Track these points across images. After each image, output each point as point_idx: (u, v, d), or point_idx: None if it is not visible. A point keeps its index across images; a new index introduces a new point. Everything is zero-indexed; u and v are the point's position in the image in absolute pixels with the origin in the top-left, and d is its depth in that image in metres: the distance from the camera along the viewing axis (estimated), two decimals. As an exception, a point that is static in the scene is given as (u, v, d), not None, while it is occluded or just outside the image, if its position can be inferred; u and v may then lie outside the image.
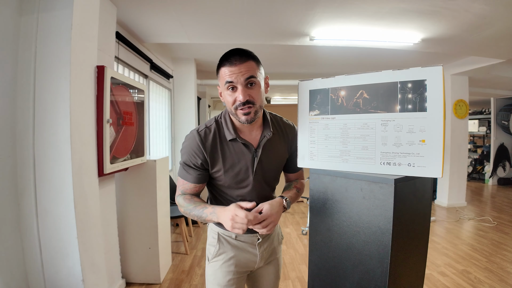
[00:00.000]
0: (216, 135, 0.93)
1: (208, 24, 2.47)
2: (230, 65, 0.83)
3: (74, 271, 1.34)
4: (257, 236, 1.02)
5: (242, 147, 0.94)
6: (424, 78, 0.68)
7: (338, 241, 0.79)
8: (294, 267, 2.54)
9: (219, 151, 0.93)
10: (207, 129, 0.94)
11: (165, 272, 2.36)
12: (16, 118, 1.31)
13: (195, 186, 0.96)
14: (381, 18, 2.31)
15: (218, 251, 1.01)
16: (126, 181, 2.15)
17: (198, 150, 0.91)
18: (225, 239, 1.01)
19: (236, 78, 0.82)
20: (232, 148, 0.94)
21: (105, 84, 1.64)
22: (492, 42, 2.80)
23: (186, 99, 3.97)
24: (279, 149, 1.01)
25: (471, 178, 6.88)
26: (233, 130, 0.92)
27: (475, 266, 2.48)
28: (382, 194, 0.69)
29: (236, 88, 0.84)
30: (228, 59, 0.84)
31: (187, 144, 0.93)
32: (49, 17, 1.30)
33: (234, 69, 0.82)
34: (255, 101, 0.85)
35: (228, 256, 1.00)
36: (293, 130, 1.05)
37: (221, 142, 0.93)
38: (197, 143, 0.91)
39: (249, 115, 0.86)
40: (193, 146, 0.92)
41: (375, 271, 0.71)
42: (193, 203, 0.93)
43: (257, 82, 0.86)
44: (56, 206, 1.33)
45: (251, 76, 0.83)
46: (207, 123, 0.96)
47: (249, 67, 0.83)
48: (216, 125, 0.95)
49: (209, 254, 1.03)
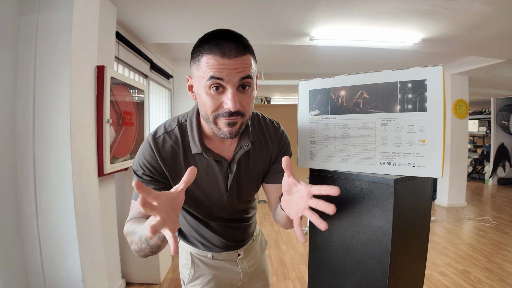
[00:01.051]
0: (179, 144, 0.71)
1: (208, 24, 2.47)
2: (221, 55, 0.57)
3: (74, 271, 1.34)
4: (237, 252, 0.89)
5: (211, 162, 0.72)
6: (424, 78, 0.68)
7: (338, 241, 0.79)
8: (294, 267, 2.54)
9: (183, 166, 0.71)
10: (166, 135, 0.71)
11: (165, 272, 2.36)
12: (16, 118, 1.31)
13: None
14: (381, 18, 2.31)
15: (194, 275, 0.87)
16: (126, 181, 2.15)
17: (154, 162, 0.69)
18: (200, 259, 0.87)
19: (229, 75, 0.58)
20: (199, 162, 0.72)
21: (105, 84, 1.64)
22: (492, 42, 2.80)
23: (186, 99, 3.97)
24: (260, 159, 0.80)
25: (471, 178, 6.87)
26: (199, 141, 0.70)
27: (475, 266, 2.48)
28: (382, 194, 0.69)
29: (223, 88, 0.60)
30: (218, 45, 0.58)
31: (140, 153, 0.70)
32: (49, 17, 1.30)
33: (228, 63, 0.58)
34: (245, 112, 0.63)
35: (207, 279, 0.87)
36: (276, 131, 0.82)
37: (185, 154, 0.71)
38: (151, 153, 0.69)
39: (234, 127, 0.63)
40: (146, 157, 0.69)
41: (375, 271, 0.71)
42: (137, 221, 0.66)
43: (252, 85, 0.63)
44: (56, 206, 1.33)
45: (248, 76, 0.60)
46: (168, 126, 0.73)
47: (247, 63, 0.60)
48: (180, 131, 0.72)
49: (184, 278, 0.89)
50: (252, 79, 0.63)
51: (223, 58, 0.57)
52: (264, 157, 0.80)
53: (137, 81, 2.20)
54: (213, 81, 0.58)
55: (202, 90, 0.61)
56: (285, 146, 0.84)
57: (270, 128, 0.82)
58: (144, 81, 3.05)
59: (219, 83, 0.59)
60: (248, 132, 0.75)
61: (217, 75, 0.58)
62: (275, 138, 0.82)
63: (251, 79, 0.62)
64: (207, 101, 0.61)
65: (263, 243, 1.02)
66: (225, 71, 0.58)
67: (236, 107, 0.60)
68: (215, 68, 0.58)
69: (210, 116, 0.62)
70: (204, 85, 0.60)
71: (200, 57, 0.60)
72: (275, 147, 0.82)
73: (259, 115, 0.83)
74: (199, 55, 0.60)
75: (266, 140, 0.80)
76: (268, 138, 0.81)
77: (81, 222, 1.37)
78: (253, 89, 0.65)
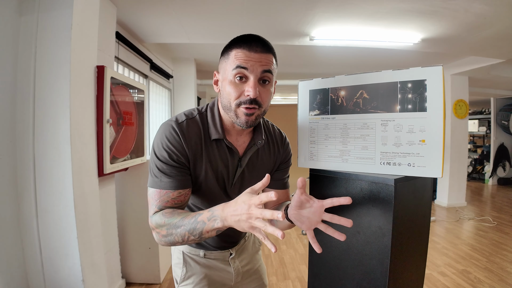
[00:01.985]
0: (200, 130, 0.75)
1: (208, 24, 2.47)
2: (249, 49, 0.67)
3: (74, 271, 1.34)
4: (229, 251, 0.90)
5: (226, 150, 0.77)
6: (424, 78, 0.68)
7: (338, 241, 0.79)
8: (294, 267, 2.54)
9: (203, 152, 0.74)
10: (189, 121, 0.74)
11: (165, 272, 2.36)
12: (16, 118, 1.31)
13: (179, 193, 0.71)
14: (381, 18, 2.31)
15: (186, 274, 0.88)
16: (126, 181, 2.15)
17: (179, 146, 0.70)
18: (192, 258, 0.88)
19: (253, 66, 0.66)
20: (216, 150, 0.76)
21: (105, 84, 1.64)
22: (492, 42, 2.80)
23: (186, 99, 3.97)
24: (266, 161, 0.84)
25: (471, 178, 6.88)
26: (221, 128, 0.75)
27: (475, 266, 2.48)
28: (382, 194, 0.69)
29: (246, 78, 0.67)
30: (247, 42, 0.68)
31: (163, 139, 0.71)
32: (49, 17, 1.30)
33: (253, 56, 0.66)
34: (262, 103, 0.70)
35: (199, 277, 0.87)
36: (283, 140, 0.89)
37: (205, 140, 0.75)
38: (176, 137, 0.70)
39: (251, 117, 0.69)
40: (172, 141, 0.70)
41: (375, 271, 0.71)
42: (177, 215, 0.67)
43: (271, 81, 0.71)
44: (56, 206, 1.33)
45: (269, 71, 0.68)
46: (188, 114, 0.76)
47: (269, 60, 0.69)
48: (200, 118, 0.76)
49: (177, 277, 0.90)
50: (272, 76, 0.71)
51: (250, 52, 0.67)
52: (270, 160, 0.86)
53: (137, 81, 2.20)
54: (239, 70, 0.67)
55: (227, 80, 0.69)
56: (288, 156, 0.91)
57: (278, 136, 0.89)
58: (144, 81, 3.05)
59: (243, 73, 0.67)
60: (261, 131, 0.81)
61: (243, 65, 0.66)
62: (281, 146, 0.88)
63: (272, 74, 0.70)
64: (231, 89, 0.68)
65: (256, 243, 1.03)
66: (250, 62, 0.67)
67: (256, 94, 0.67)
68: (242, 59, 0.67)
69: (233, 103, 0.69)
70: (230, 74, 0.68)
71: (230, 51, 0.69)
72: (280, 154, 0.88)
73: (269, 122, 0.90)
74: (229, 50, 0.70)
75: (274, 145, 0.87)
76: (275, 144, 0.87)
77: (81, 222, 1.37)
78: (272, 86, 0.72)
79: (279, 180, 0.89)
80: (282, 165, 0.89)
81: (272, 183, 0.86)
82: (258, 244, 1.03)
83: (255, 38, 0.69)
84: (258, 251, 1.02)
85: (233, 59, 0.68)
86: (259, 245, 1.04)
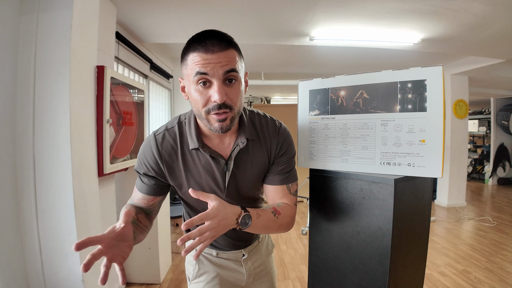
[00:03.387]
0: (177, 141, 0.74)
1: (208, 24, 2.47)
2: (205, 51, 0.61)
3: (74, 271, 1.34)
4: (242, 252, 0.89)
5: (208, 158, 0.74)
6: (424, 78, 0.68)
7: (338, 241, 0.79)
8: (294, 267, 2.54)
9: (180, 162, 0.74)
10: (166, 132, 0.74)
11: (165, 272, 2.36)
12: (16, 118, 1.31)
13: (144, 197, 0.76)
14: (381, 18, 2.31)
15: (198, 271, 0.88)
16: (126, 181, 2.15)
17: (151, 159, 0.73)
18: (205, 257, 0.89)
19: (213, 70, 0.61)
20: (196, 159, 0.74)
21: (105, 84, 1.64)
22: (492, 42, 2.80)
23: (186, 99, 3.97)
24: (259, 157, 0.78)
25: (471, 178, 6.87)
26: (197, 137, 0.72)
27: (475, 266, 2.48)
28: (382, 194, 0.69)
29: (210, 83, 0.62)
30: (202, 42, 0.61)
31: (141, 149, 0.76)
32: (49, 17, 1.30)
33: (211, 58, 0.61)
34: (233, 105, 0.65)
35: (211, 276, 0.88)
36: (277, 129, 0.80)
37: (182, 151, 0.74)
38: (150, 149, 0.73)
39: (225, 122, 0.65)
40: (146, 153, 0.74)
41: (375, 271, 0.71)
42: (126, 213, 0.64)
43: (238, 79, 0.65)
44: (56, 206, 1.33)
45: (232, 70, 0.63)
46: (169, 123, 0.77)
47: (230, 57, 0.63)
48: (179, 128, 0.75)
49: (189, 274, 0.91)
50: (238, 73, 0.65)
51: (207, 54, 0.61)
52: (263, 155, 0.79)
53: (137, 81, 2.20)
54: (200, 77, 0.62)
55: (191, 87, 0.65)
56: (285, 146, 0.81)
57: (270, 127, 0.80)
58: (144, 81, 3.05)
59: (205, 78, 0.62)
60: (245, 129, 0.75)
61: (202, 70, 0.61)
62: (274, 137, 0.79)
63: (236, 72, 0.64)
64: (196, 97, 0.64)
65: (270, 245, 1.01)
66: (210, 65, 0.61)
67: (223, 99, 0.62)
68: (200, 63, 0.61)
69: (202, 111, 0.65)
70: (192, 81, 0.63)
71: (187, 56, 0.64)
72: (274, 146, 0.79)
73: (260, 113, 0.82)
74: (186, 55, 0.64)
75: (266, 138, 0.79)
76: (267, 137, 0.79)
77: (81, 222, 1.37)
78: (240, 83, 0.67)
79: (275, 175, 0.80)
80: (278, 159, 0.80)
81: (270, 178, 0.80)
82: (271, 246, 1.01)
83: (209, 35, 0.62)
84: (271, 253, 1.00)
85: (191, 65, 0.62)
86: (272, 247, 1.02)
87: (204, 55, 0.61)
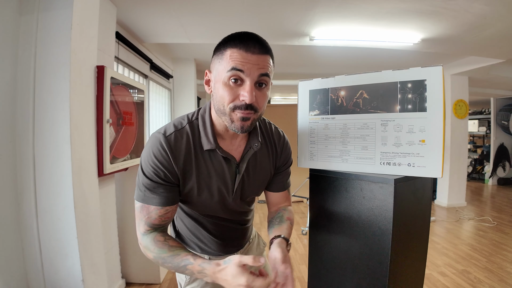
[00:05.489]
0: (190, 142, 0.70)
1: (208, 24, 2.47)
2: (246, 50, 0.61)
3: (74, 271, 1.34)
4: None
5: (221, 160, 0.72)
6: (424, 78, 0.68)
7: (338, 241, 0.79)
8: (294, 267, 2.54)
9: (193, 164, 0.70)
10: (177, 133, 0.69)
11: (165, 272, 2.36)
12: (16, 118, 1.31)
13: (166, 210, 0.69)
14: (381, 18, 2.31)
15: (191, 278, 0.84)
16: (126, 181, 2.15)
17: (166, 162, 0.67)
18: None
19: (249, 70, 0.61)
20: (208, 160, 0.71)
21: (105, 84, 1.64)
22: (492, 42, 2.80)
23: (186, 99, 3.97)
24: (265, 163, 0.80)
25: (471, 178, 6.87)
26: (213, 137, 0.70)
27: (475, 266, 2.48)
28: (382, 194, 0.69)
29: (242, 82, 0.62)
30: (244, 41, 0.62)
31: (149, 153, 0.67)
32: (49, 17, 1.30)
33: (250, 58, 0.61)
34: (258, 108, 0.65)
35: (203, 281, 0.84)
36: (281, 139, 0.84)
37: (195, 152, 0.70)
38: (162, 152, 0.66)
39: (247, 122, 0.65)
40: (158, 156, 0.66)
41: (375, 271, 0.71)
42: (168, 249, 0.66)
43: (268, 85, 0.66)
44: (56, 206, 1.32)
45: (266, 74, 0.63)
46: (177, 123, 0.72)
47: (267, 62, 0.64)
48: (190, 128, 0.71)
49: (181, 280, 0.86)
50: (269, 79, 0.66)
51: (247, 53, 0.62)
52: (269, 163, 0.81)
53: (137, 81, 2.20)
54: (234, 73, 0.61)
55: (221, 81, 0.64)
56: (288, 155, 0.86)
57: (276, 135, 0.83)
58: (144, 81, 3.05)
59: (239, 76, 0.62)
60: (257, 133, 0.76)
61: (238, 67, 0.61)
62: (279, 146, 0.83)
63: (269, 78, 0.65)
64: (224, 92, 0.63)
65: (261, 245, 1.01)
66: (247, 65, 0.61)
67: (253, 100, 0.62)
68: (238, 60, 0.61)
69: (227, 107, 0.64)
70: (224, 76, 0.63)
71: (224, 50, 0.63)
72: (279, 155, 0.83)
73: (266, 120, 0.85)
74: (223, 49, 0.64)
75: (272, 145, 0.82)
76: (273, 144, 0.82)
77: (81, 222, 1.37)
78: (268, 89, 0.67)
79: (280, 183, 0.86)
80: (282, 167, 0.85)
81: (274, 186, 0.85)
82: (263, 245, 1.01)
83: (252, 37, 0.63)
84: (263, 252, 1.00)
85: (228, 60, 0.62)
86: (264, 246, 1.02)
87: (244, 53, 0.61)
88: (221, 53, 0.64)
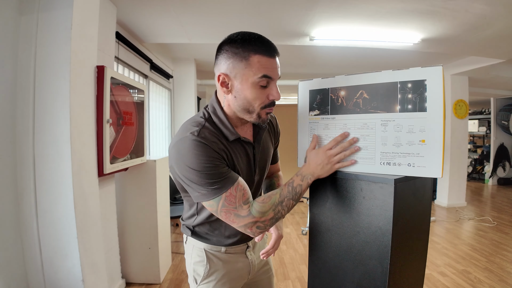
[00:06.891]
0: (216, 136, 0.75)
1: (208, 24, 2.47)
2: (269, 55, 0.69)
3: (74, 271, 1.34)
4: (247, 244, 0.93)
5: (243, 145, 0.80)
6: (424, 78, 0.68)
7: (338, 241, 0.79)
8: (294, 267, 2.54)
9: (226, 154, 0.76)
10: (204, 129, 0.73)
11: (165, 272, 2.36)
12: (16, 118, 1.31)
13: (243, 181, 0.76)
14: (381, 18, 2.31)
15: (210, 270, 0.88)
16: (126, 181, 2.15)
17: (212, 149, 0.70)
18: (214, 255, 0.89)
19: (275, 74, 0.71)
20: (235, 149, 0.78)
21: (105, 84, 1.64)
22: (492, 42, 2.80)
23: (186, 99, 3.97)
24: (268, 141, 0.93)
25: (471, 178, 6.88)
26: (233, 129, 0.77)
27: (475, 266, 2.48)
28: (382, 194, 0.69)
29: (268, 84, 0.71)
30: (266, 46, 0.69)
31: (195, 153, 0.68)
32: (49, 17, 1.30)
33: (274, 62, 0.70)
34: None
35: (220, 274, 0.88)
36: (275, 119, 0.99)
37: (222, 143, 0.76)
38: (204, 145, 0.69)
39: (269, 114, 0.78)
40: (205, 151, 0.69)
41: (375, 271, 0.71)
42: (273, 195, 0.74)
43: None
44: (56, 206, 1.32)
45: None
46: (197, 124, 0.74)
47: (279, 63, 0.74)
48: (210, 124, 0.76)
49: (197, 276, 0.89)
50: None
51: (272, 58, 0.69)
52: (270, 139, 0.94)
53: (137, 81, 2.20)
54: (266, 80, 0.69)
55: (249, 85, 0.70)
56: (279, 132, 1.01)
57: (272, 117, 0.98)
58: (144, 81, 3.05)
59: (268, 81, 0.70)
60: None
61: (269, 74, 0.69)
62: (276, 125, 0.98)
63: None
64: (255, 95, 0.71)
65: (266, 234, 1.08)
66: (274, 70, 0.70)
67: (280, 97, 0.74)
68: (268, 67, 0.69)
69: (257, 108, 0.73)
70: (253, 80, 0.69)
71: (249, 56, 0.68)
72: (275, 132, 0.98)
73: None
74: (248, 54, 0.68)
75: (271, 125, 0.95)
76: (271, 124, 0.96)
77: (81, 222, 1.37)
78: None
79: (275, 156, 1.03)
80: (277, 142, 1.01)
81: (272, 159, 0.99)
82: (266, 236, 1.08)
83: (267, 41, 0.70)
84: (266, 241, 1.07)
85: (257, 67, 0.68)
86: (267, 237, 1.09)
87: (270, 59, 0.69)
88: (245, 58, 0.68)
